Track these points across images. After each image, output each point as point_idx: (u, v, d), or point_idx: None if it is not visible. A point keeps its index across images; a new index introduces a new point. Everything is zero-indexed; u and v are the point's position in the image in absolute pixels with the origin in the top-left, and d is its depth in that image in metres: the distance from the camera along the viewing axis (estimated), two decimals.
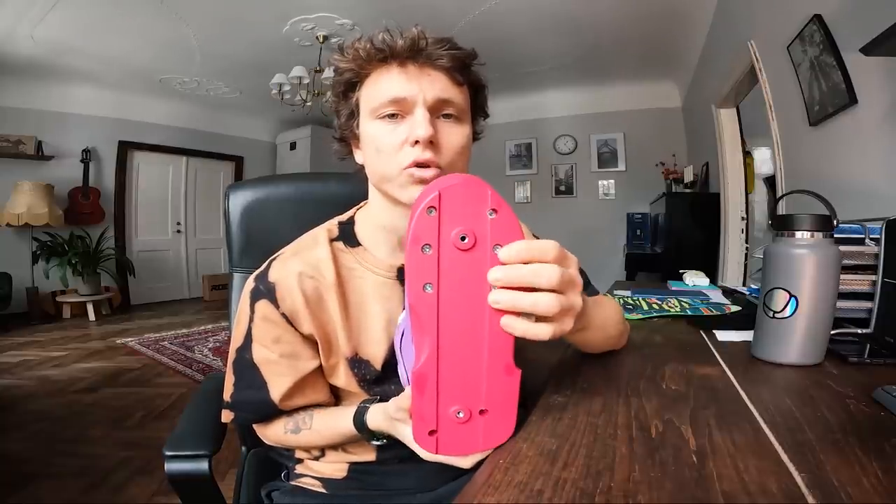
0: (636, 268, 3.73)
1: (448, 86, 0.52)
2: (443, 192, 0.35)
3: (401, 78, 0.51)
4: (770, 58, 1.98)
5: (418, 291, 0.36)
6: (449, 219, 0.35)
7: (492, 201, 0.35)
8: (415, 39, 0.50)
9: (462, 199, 0.35)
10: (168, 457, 0.58)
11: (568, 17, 3.10)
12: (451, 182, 0.36)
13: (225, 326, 3.77)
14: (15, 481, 1.45)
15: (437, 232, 0.35)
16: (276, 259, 0.58)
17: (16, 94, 3.87)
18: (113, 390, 2.32)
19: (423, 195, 0.36)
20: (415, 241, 0.35)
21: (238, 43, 3.45)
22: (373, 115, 0.52)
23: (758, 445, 0.37)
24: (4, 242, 3.90)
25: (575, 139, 4.78)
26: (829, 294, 0.56)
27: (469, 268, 0.36)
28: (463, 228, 0.35)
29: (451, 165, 0.53)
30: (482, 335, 0.37)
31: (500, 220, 0.35)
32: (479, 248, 0.35)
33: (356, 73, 0.53)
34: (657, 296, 1.07)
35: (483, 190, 0.35)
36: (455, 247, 0.35)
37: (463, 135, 0.54)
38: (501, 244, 0.36)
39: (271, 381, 0.56)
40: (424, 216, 0.35)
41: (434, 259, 0.35)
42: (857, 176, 1.38)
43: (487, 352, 0.37)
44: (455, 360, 0.37)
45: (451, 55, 0.52)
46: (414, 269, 0.35)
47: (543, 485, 0.32)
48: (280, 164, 5.81)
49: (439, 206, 0.35)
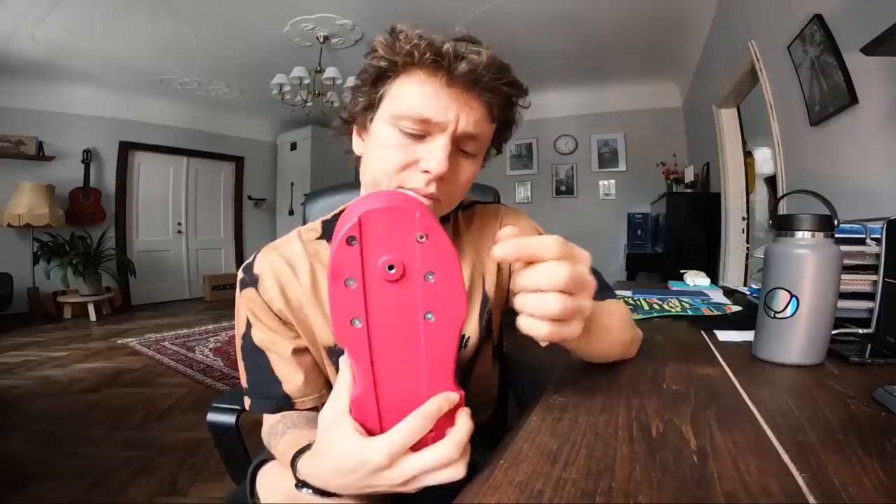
0: (637, 268, 3.73)
1: (482, 121, 0.49)
2: (363, 218, 0.31)
3: (441, 98, 0.47)
4: (770, 58, 1.98)
5: (346, 326, 0.33)
6: (372, 247, 0.31)
7: (420, 225, 0.31)
8: (477, 65, 0.46)
9: (386, 224, 0.31)
10: (211, 407, 0.73)
11: (568, 17, 3.10)
12: (371, 205, 0.31)
13: (226, 326, 3.77)
14: (16, 481, 1.45)
15: (361, 263, 0.31)
16: (259, 252, 0.61)
17: (17, 95, 3.88)
18: (114, 390, 2.32)
19: (341, 222, 0.32)
20: (335, 275, 0.31)
21: (239, 43, 3.46)
22: (393, 120, 0.49)
23: (759, 445, 0.37)
24: (5, 243, 3.91)
25: (575, 139, 4.78)
26: (830, 294, 0.56)
27: (399, 298, 0.32)
28: (389, 257, 0.31)
29: (451, 197, 0.52)
30: (419, 361, 0.34)
31: (432, 245, 0.32)
32: (409, 276, 0.32)
33: (394, 66, 0.48)
34: (658, 296, 1.07)
35: (410, 212, 0.31)
36: (382, 278, 0.32)
37: (472, 171, 0.53)
38: (434, 271, 0.32)
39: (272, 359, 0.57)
40: (344, 247, 0.31)
41: (359, 293, 0.32)
42: (858, 176, 1.38)
43: (426, 377, 0.35)
44: (394, 388, 0.35)
45: (502, 91, 0.48)
46: (338, 305, 0.32)
47: (544, 485, 0.32)
48: (281, 164, 5.82)
49: (360, 234, 0.31)
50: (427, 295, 0.33)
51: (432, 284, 0.32)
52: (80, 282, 4.01)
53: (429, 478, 0.35)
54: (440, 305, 0.33)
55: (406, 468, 0.34)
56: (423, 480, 0.35)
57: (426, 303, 0.33)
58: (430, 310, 0.33)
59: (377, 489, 0.36)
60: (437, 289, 0.33)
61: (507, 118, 0.54)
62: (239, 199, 5.63)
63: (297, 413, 0.57)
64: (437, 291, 0.33)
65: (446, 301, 0.33)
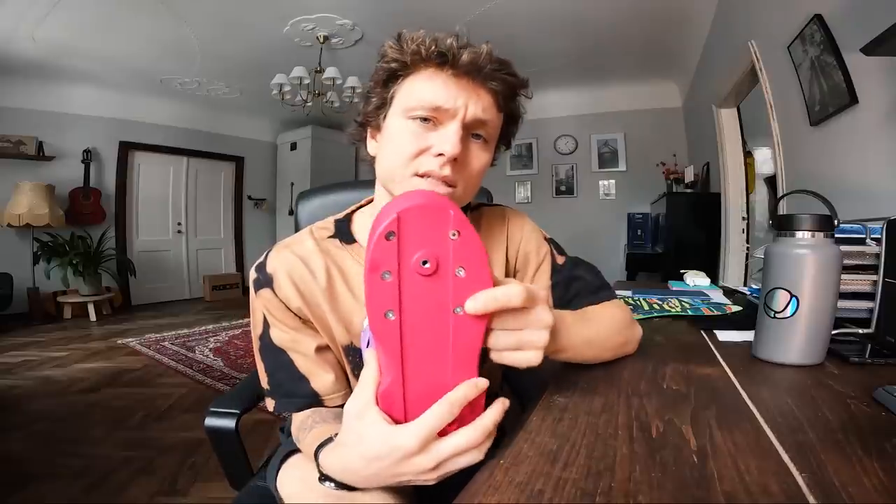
0: (637, 268, 3.73)
1: (490, 108, 0.52)
2: (401, 215, 0.33)
3: (451, 87, 0.50)
4: (770, 58, 1.98)
5: (380, 319, 0.34)
6: (409, 243, 0.33)
7: (454, 222, 0.33)
8: (479, 55, 0.50)
9: (422, 221, 0.33)
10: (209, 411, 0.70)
11: (568, 17, 3.10)
12: (410, 203, 0.33)
13: (226, 326, 3.77)
14: (16, 481, 1.45)
15: (398, 258, 0.33)
16: (272, 250, 0.60)
17: (17, 95, 3.88)
18: (114, 390, 2.32)
19: (380, 218, 0.34)
20: (373, 268, 0.33)
21: (239, 43, 3.46)
22: (405, 113, 0.51)
23: (759, 445, 0.37)
24: (5, 243, 3.91)
25: (575, 139, 4.79)
26: (830, 294, 0.56)
27: (431, 292, 0.34)
28: (424, 252, 0.33)
29: (466, 183, 0.54)
30: (446, 353, 0.36)
31: (464, 242, 0.34)
32: (441, 271, 0.34)
33: (404, 67, 0.52)
34: (658, 296, 1.07)
35: (444, 210, 0.33)
36: (416, 272, 0.33)
37: (485, 159, 0.55)
38: (465, 266, 0.34)
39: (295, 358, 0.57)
40: (383, 242, 0.33)
41: (395, 286, 0.33)
42: (858, 176, 1.38)
43: (452, 368, 0.36)
44: (421, 380, 0.37)
45: (505, 80, 0.51)
46: (374, 297, 0.34)
47: (544, 485, 0.32)
48: (281, 164, 5.82)
49: (398, 230, 0.33)
50: (457, 289, 0.34)
51: (463, 279, 0.34)
52: (80, 282, 4.01)
53: (455, 462, 0.37)
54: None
55: (435, 453, 0.36)
56: (450, 465, 0.37)
57: (456, 297, 0.34)
58: (460, 304, 0.35)
59: (405, 477, 0.38)
60: (467, 283, 0.34)
61: (512, 111, 0.56)
62: (239, 199, 5.63)
63: (327, 409, 0.57)
64: (467, 286, 0.34)
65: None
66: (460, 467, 0.37)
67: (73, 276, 3.93)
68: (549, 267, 0.65)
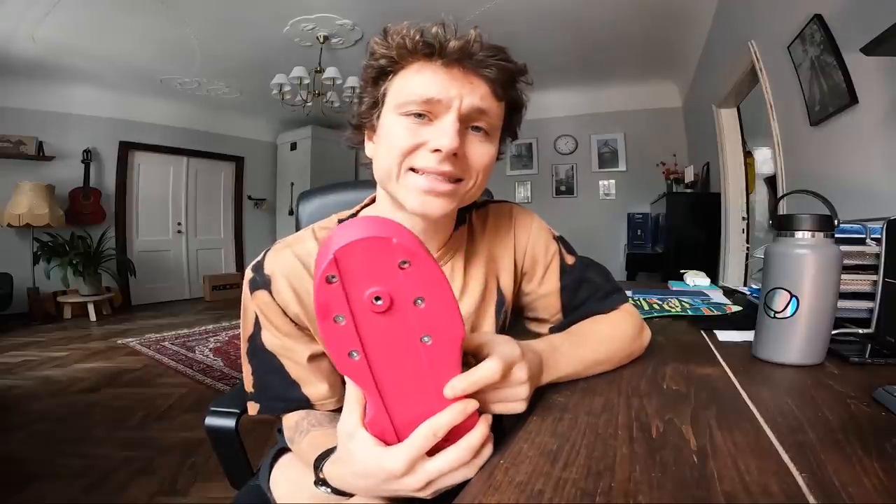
0: (637, 268, 3.73)
1: (487, 97, 0.49)
2: (337, 255, 0.29)
3: (442, 78, 0.48)
4: (770, 58, 1.98)
5: (344, 360, 0.32)
6: (354, 283, 0.30)
7: (399, 251, 0.30)
8: (468, 42, 0.47)
9: (364, 256, 0.30)
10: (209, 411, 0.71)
11: (568, 16, 3.10)
12: (346, 240, 0.30)
13: (226, 326, 3.77)
14: (16, 481, 1.45)
15: (346, 300, 0.30)
16: (270, 250, 0.57)
17: (17, 95, 3.88)
18: (114, 390, 2.32)
19: (318, 258, 0.31)
20: (323, 314, 0.31)
21: (238, 43, 3.46)
22: (398, 109, 0.49)
23: (759, 446, 0.37)
24: (5, 243, 3.91)
25: (575, 139, 4.78)
26: (830, 294, 0.56)
27: (392, 327, 0.32)
28: (374, 290, 0.30)
29: (471, 177, 0.51)
30: (425, 380, 0.35)
31: (416, 269, 0.30)
32: (397, 305, 0.31)
33: (393, 62, 0.50)
34: (658, 296, 1.07)
35: (386, 241, 0.30)
36: (371, 311, 0.31)
37: (489, 153, 0.52)
38: (424, 296, 0.31)
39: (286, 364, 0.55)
40: (325, 286, 0.30)
41: (350, 327, 0.31)
42: (858, 176, 1.38)
43: (435, 392, 0.35)
44: (405, 407, 0.36)
45: (500, 66, 0.49)
46: (332, 342, 0.32)
47: (544, 485, 0.32)
48: (281, 164, 5.82)
49: (339, 271, 0.30)
50: (420, 320, 0.32)
51: (423, 309, 0.32)
52: (80, 282, 4.01)
53: (444, 480, 0.37)
54: (435, 328, 0.32)
55: (423, 473, 0.36)
56: (440, 483, 0.37)
57: (420, 327, 0.32)
58: (426, 333, 0.32)
59: (397, 493, 0.38)
60: (429, 313, 0.32)
61: (512, 98, 0.53)
62: (239, 199, 5.63)
63: (321, 413, 0.56)
64: (429, 315, 0.32)
65: (441, 323, 0.32)
66: (452, 484, 0.37)
67: (73, 276, 3.93)
68: (558, 268, 0.63)
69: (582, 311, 0.62)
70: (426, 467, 0.36)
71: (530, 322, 0.68)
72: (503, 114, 0.53)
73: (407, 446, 0.35)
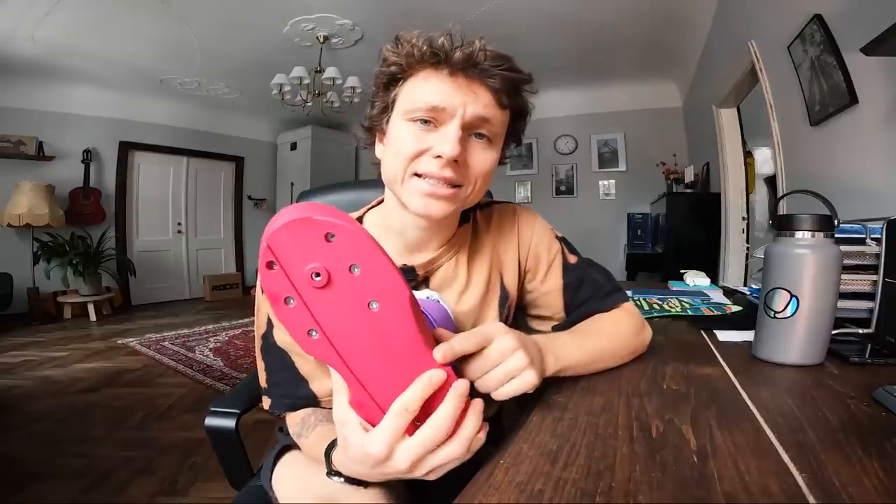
0: (637, 268, 3.73)
1: (490, 105, 0.51)
2: (269, 242, 0.32)
3: (446, 87, 0.50)
4: (770, 58, 1.98)
5: (306, 340, 0.34)
6: (292, 264, 0.32)
7: (322, 226, 0.32)
8: (473, 52, 0.49)
9: (292, 239, 0.32)
10: (209, 411, 0.70)
11: (568, 17, 3.10)
12: (274, 227, 0.32)
13: (226, 326, 3.77)
14: (16, 481, 1.45)
15: (290, 282, 0.32)
16: None
17: (17, 95, 3.88)
18: (114, 390, 2.32)
19: (261, 252, 0.34)
20: (274, 299, 0.33)
21: (239, 43, 3.46)
22: (406, 115, 0.52)
23: (759, 445, 0.37)
24: (5, 243, 3.91)
25: (575, 139, 4.78)
26: (830, 294, 0.56)
27: (339, 299, 0.33)
28: (311, 267, 0.32)
29: (472, 183, 0.53)
30: (390, 349, 0.35)
31: (343, 240, 0.32)
32: (336, 277, 0.33)
33: (402, 69, 0.52)
34: (658, 296, 1.07)
35: (307, 219, 0.31)
36: (314, 287, 0.32)
37: (490, 158, 0.54)
38: (358, 262, 0.32)
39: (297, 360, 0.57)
40: (268, 273, 0.32)
41: (302, 307, 0.33)
42: (858, 176, 1.38)
43: (406, 361, 0.36)
44: (380, 380, 0.36)
45: (504, 76, 0.50)
46: (290, 325, 0.34)
47: (544, 485, 0.32)
48: (281, 164, 5.82)
49: (275, 257, 0.32)
50: (361, 287, 0.33)
51: (360, 276, 0.33)
52: (80, 282, 4.01)
53: (432, 459, 0.36)
54: (378, 292, 0.33)
55: (404, 453, 0.36)
56: (427, 462, 0.36)
57: (364, 294, 0.33)
58: (371, 299, 0.33)
59: (391, 477, 0.38)
60: (367, 278, 0.33)
61: (517, 106, 0.55)
62: (239, 199, 5.63)
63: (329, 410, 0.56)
64: (368, 281, 0.33)
65: (382, 286, 0.33)
66: (442, 463, 0.37)
67: (73, 276, 3.93)
68: (561, 266, 0.65)
69: (584, 309, 0.64)
70: (407, 448, 0.36)
71: (533, 319, 0.70)
72: (507, 121, 0.55)
73: (382, 429, 0.35)
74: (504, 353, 0.42)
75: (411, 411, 0.35)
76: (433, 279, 0.61)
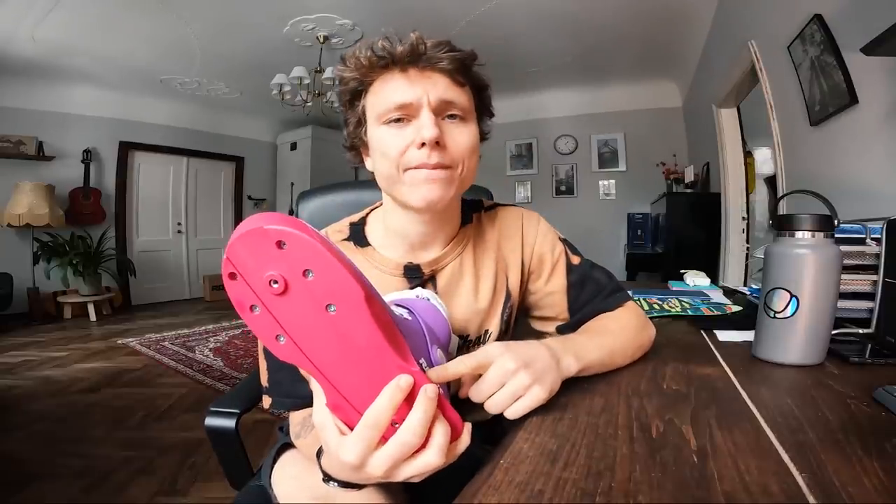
0: (637, 268, 3.73)
1: (450, 87, 0.53)
2: (228, 254, 0.33)
3: (404, 83, 0.52)
4: (770, 58, 1.98)
5: (275, 345, 0.35)
6: (251, 274, 0.33)
7: (273, 235, 0.32)
8: (414, 44, 0.51)
9: (247, 250, 0.33)
10: (209, 411, 0.70)
11: (568, 16, 3.10)
12: (231, 239, 0.34)
13: (226, 326, 3.77)
14: (16, 481, 1.45)
15: (251, 291, 0.34)
16: None
17: (16, 95, 3.88)
18: (114, 390, 2.32)
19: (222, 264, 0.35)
20: (240, 307, 0.34)
21: (238, 43, 3.46)
22: (379, 120, 0.54)
23: (759, 446, 0.37)
24: (5, 243, 3.91)
25: (575, 139, 4.78)
26: (830, 294, 0.56)
27: (299, 304, 0.34)
28: (268, 275, 0.33)
29: (460, 163, 0.54)
30: (356, 351, 0.35)
31: (293, 247, 0.33)
32: (292, 283, 0.33)
33: (360, 82, 0.55)
34: (658, 296, 1.07)
35: (258, 230, 0.33)
36: (274, 294, 0.34)
37: (470, 134, 0.55)
38: (311, 268, 0.33)
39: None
40: (231, 283, 0.34)
41: (266, 315, 0.34)
42: (858, 176, 1.38)
43: (375, 362, 0.36)
44: (352, 382, 0.36)
45: (450, 57, 0.53)
46: (259, 331, 0.35)
47: (544, 485, 0.32)
48: (281, 164, 5.82)
49: (235, 268, 0.33)
50: (317, 291, 0.34)
51: (314, 280, 0.33)
52: (80, 282, 4.01)
53: (407, 468, 0.36)
54: (333, 295, 0.34)
55: (376, 462, 0.35)
56: (404, 471, 0.36)
57: (320, 298, 0.34)
58: (329, 302, 0.34)
59: (371, 481, 0.38)
60: (321, 282, 0.33)
61: (473, 81, 0.57)
62: (239, 199, 5.63)
63: None
64: (322, 284, 0.34)
65: (335, 288, 0.34)
66: (419, 472, 0.36)
67: (73, 276, 3.93)
68: (564, 267, 0.66)
69: (587, 309, 0.64)
70: (379, 455, 0.35)
71: (536, 321, 0.70)
72: (471, 97, 0.57)
73: (354, 439, 0.35)
74: (505, 375, 0.43)
75: (383, 423, 0.35)
76: (440, 278, 0.61)
